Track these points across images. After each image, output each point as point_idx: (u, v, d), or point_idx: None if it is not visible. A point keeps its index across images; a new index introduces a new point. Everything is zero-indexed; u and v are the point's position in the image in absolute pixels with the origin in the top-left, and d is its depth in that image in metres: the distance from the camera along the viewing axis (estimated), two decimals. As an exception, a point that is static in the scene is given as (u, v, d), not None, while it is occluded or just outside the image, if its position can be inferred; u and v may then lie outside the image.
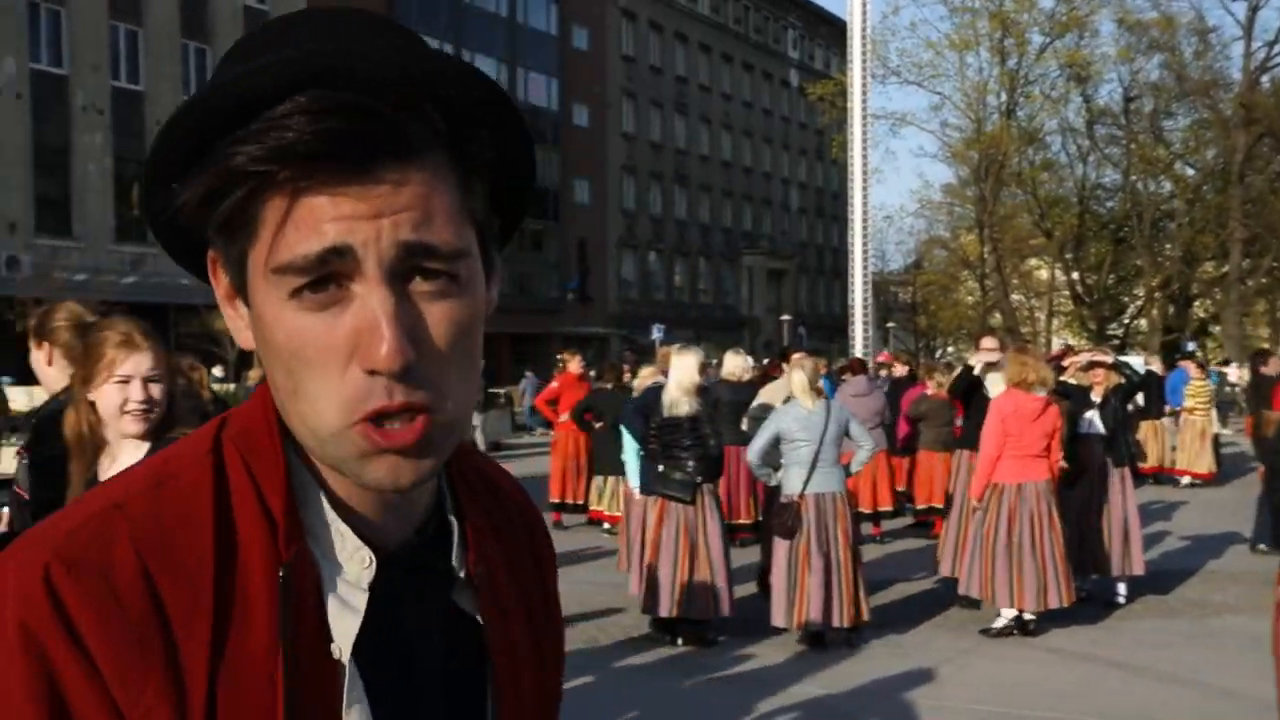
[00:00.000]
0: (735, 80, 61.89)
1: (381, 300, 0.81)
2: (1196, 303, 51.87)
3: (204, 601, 0.83)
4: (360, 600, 0.88)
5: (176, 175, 0.84)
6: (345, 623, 0.87)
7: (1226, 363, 36.00)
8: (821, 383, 8.30)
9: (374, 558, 0.89)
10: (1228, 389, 28.58)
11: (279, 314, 0.83)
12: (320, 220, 0.80)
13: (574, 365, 13.96)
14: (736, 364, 11.63)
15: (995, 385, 9.31)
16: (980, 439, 8.38)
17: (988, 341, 10.14)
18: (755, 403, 9.70)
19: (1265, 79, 46.64)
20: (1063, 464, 8.64)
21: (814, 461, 7.76)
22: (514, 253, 45.48)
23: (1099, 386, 9.47)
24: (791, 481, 7.88)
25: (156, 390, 2.99)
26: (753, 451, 8.03)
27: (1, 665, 0.79)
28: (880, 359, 18.72)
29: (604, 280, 50.45)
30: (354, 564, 0.89)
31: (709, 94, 59.04)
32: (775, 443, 7.93)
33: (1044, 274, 53.29)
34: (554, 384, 14.70)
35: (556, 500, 13.31)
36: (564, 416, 13.36)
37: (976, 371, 9.56)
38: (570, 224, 48.26)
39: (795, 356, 9.61)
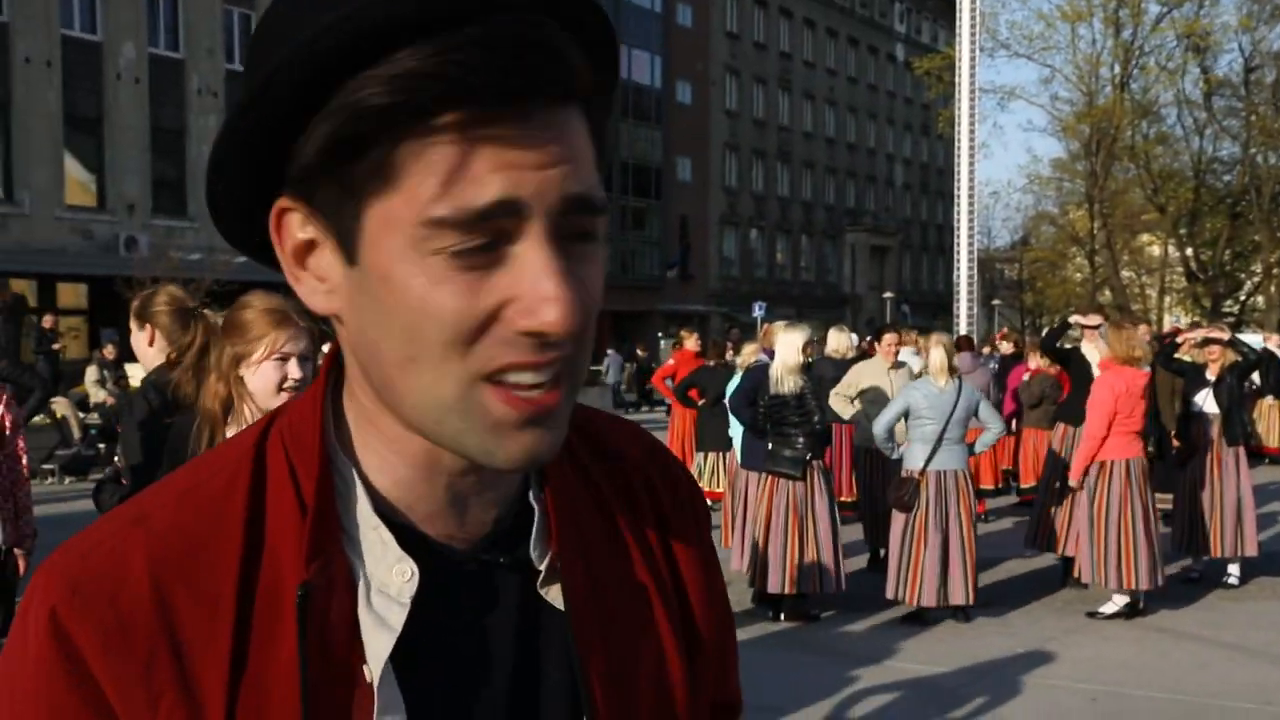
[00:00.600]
0: (840, 55, 61.25)
1: (550, 257, 0.72)
2: (1318, 279, 50.31)
3: (224, 621, 0.77)
4: (398, 616, 0.80)
5: (278, 127, 0.74)
6: (379, 641, 0.79)
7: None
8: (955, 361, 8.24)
9: (416, 570, 0.81)
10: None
11: (416, 271, 0.72)
12: (480, 168, 0.71)
13: (690, 342, 13.92)
14: (841, 341, 11.60)
15: (1093, 356, 9.21)
16: (1086, 413, 8.27)
17: (1093, 318, 10.03)
18: (845, 380, 9.67)
19: (1395, 46, 44.89)
20: (1175, 443, 8.51)
21: (939, 439, 7.77)
22: (616, 231, 45.67)
23: (1214, 364, 9.27)
24: (914, 457, 7.91)
25: (310, 370, 2.96)
26: (880, 425, 8.06)
27: (22, 695, 0.77)
28: (999, 337, 18.46)
29: (705, 258, 50.44)
30: (394, 576, 0.81)
31: (813, 70, 58.53)
32: (902, 418, 7.97)
33: (1156, 250, 52.01)
34: (671, 361, 14.75)
35: None
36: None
37: (1072, 330, 9.50)
38: (672, 202, 48.31)
39: (903, 334, 9.57)
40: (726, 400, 9.41)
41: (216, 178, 0.80)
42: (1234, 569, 9.18)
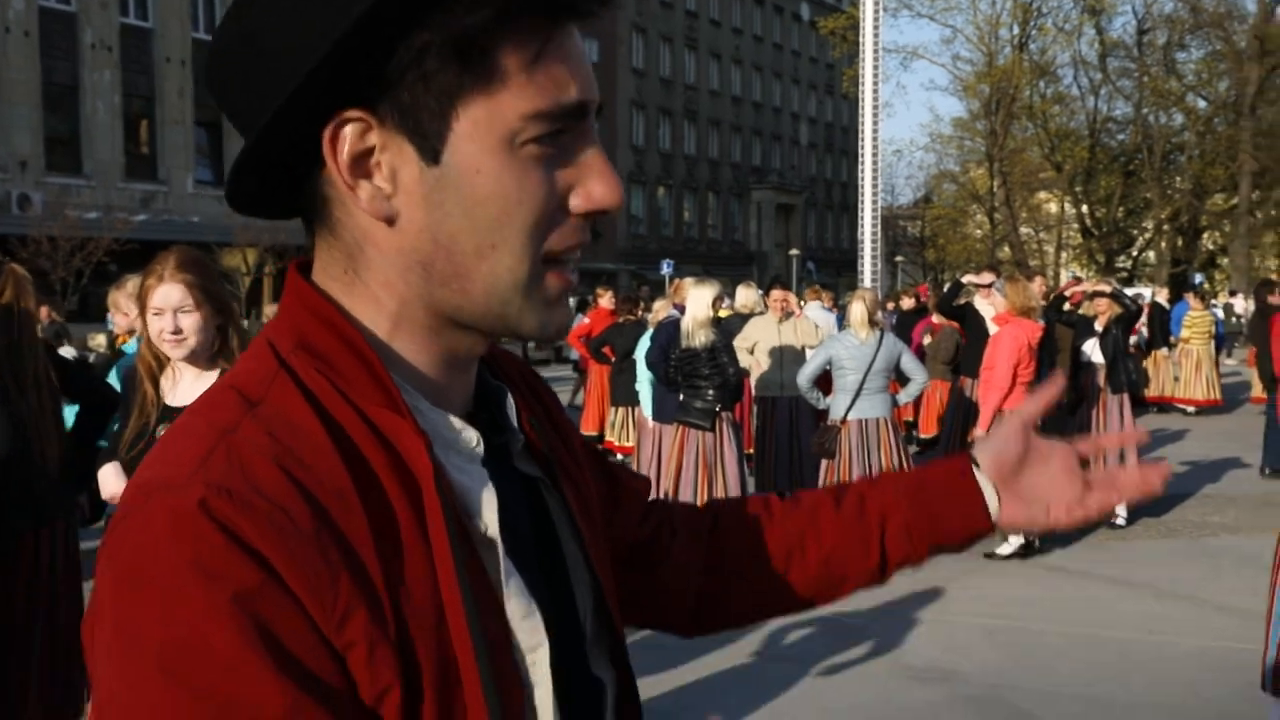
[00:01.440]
0: (746, 14, 61.42)
1: (599, 149, 0.87)
2: (1205, 235, 51.80)
3: (353, 503, 0.80)
4: (485, 477, 0.88)
5: (352, 37, 0.77)
6: (484, 499, 0.86)
7: (1234, 294, 36.05)
8: (877, 315, 8.51)
9: (479, 436, 0.90)
10: (1234, 319, 28.70)
11: (506, 163, 0.82)
12: (570, 70, 0.84)
13: (605, 300, 14.00)
14: (749, 297, 11.93)
15: (987, 310, 9.57)
16: (990, 364, 8.59)
17: (986, 276, 10.42)
18: (741, 334, 9.91)
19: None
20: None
21: (859, 389, 8.09)
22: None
23: (1102, 316, 9.70)
24: (836, 406, 8.27)
25: (186, 321, 3.34)
26: (803, 376, 8.40)
27: (192, 614, 0.73)
28: (920, 291, 18.83)
29: (613, 216, 50.38)
30: (462, 444, 0.89)
31: (719, 28, 58.64)
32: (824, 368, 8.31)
33: (1053, 207, 53.21)
34: (585, 319, 14.78)
35: (594, 434, 13.38)
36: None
37: (965, 286, 9.89)
38: (580, 160, 48.18)
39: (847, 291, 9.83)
40: (638, 355, 9.64)
41: (257, 99, 0.83)
42: (1121, 510, 9.64)
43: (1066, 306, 10.33)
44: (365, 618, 0.77)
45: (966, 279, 10.47)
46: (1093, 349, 9.57)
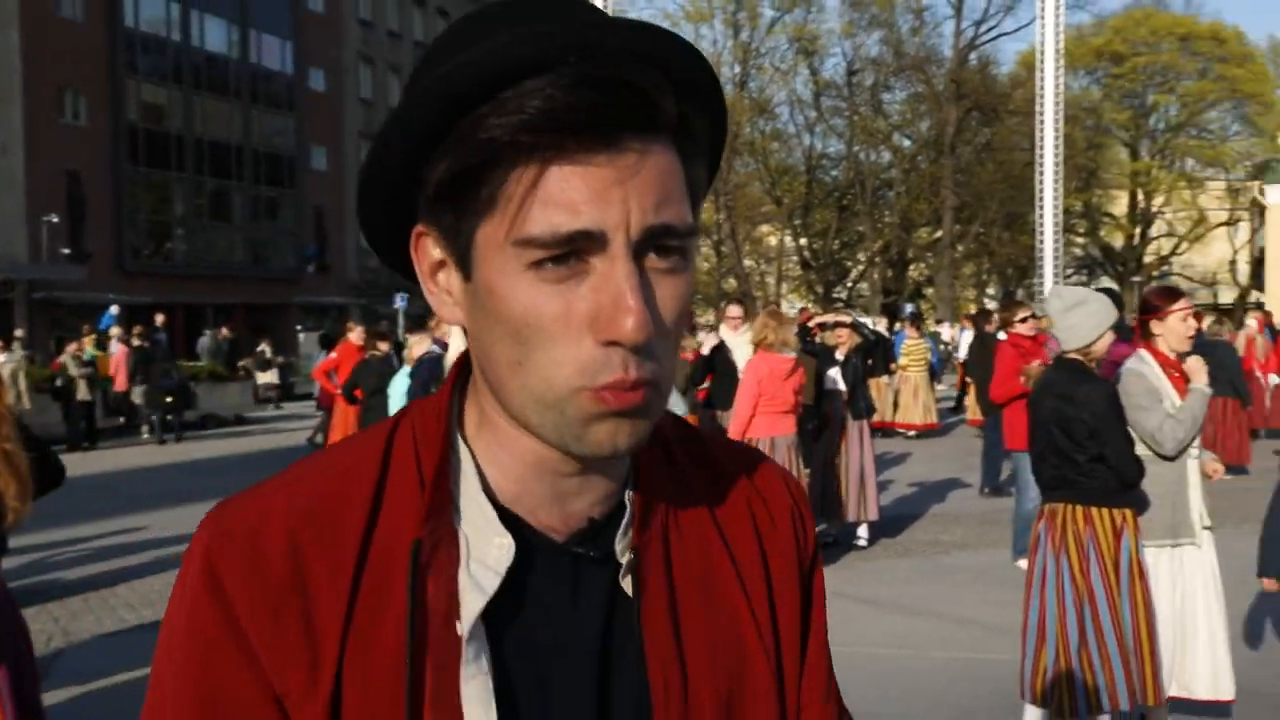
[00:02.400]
0: (472, 46, 61.31)
1: (627, 275, 0.82)
2: (912, 266, 55.05)
3: (344, 572, 0.88)
4: (492, 582, 0.89)
5: (411, 160, 0.86)
6: (471, 599, 0.88)
7: (940, 322, 38.32)
8: None
9: (512, 544, 0.91)
10: (941, 347, 30.46)
11: (515, 284, 0.83)
12: (572, 197, 0.81)
13: (354, 335, 13.68)
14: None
15: (741, 348, 9.93)
16: (734, 398, 8.92)
17: (733, 310, 10.82)
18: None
19: (973, 56, 49.86)
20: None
21: None
22: (248, 221, 44.11)
23: (843, 346, 10.20)
24: None
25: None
26: None
27: (178, 622, 0.89)
28: None
29: (343, 249, 49.47)
30: (493, 548, 0.91)
31: (446, 60, 58.43)
32: None
33: (774, 240, 55.40)
34: (333, 355, 14.39)
35: None
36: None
37: (713, 346, 10.30)
38: (308, 191, 47.09)
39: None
40: (392, 391, 9.51)
41: (363, 206, 0.93)
42: (863, 531, 10.14)
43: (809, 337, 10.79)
44: (303, 672, 0.87)
45: (708, 343, 10.85)
46: (836, 377, 10.04)
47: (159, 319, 26.98)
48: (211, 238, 43.04)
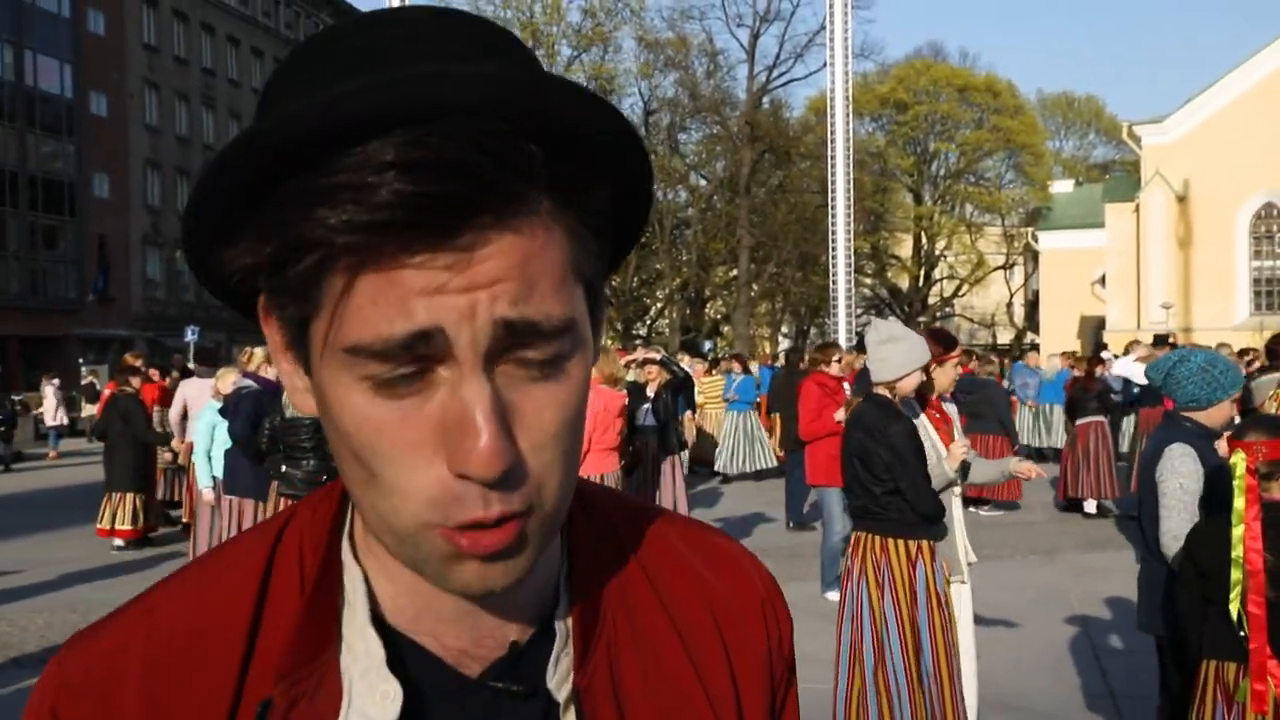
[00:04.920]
0: (265, 74, 59.96)
1: (475, 392, 0.66)
2: (709, 304, 56.17)
3: None
4: None
5: (224, 224, 0.69)
6: None
7: (737, 358, 39.21)
8: None
9: (399, 692, 0.74)
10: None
11: (347, 397, 0.68)
12: (405, 296, 0.65)
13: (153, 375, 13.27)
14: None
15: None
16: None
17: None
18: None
19: (766, 100, 51.37)
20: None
21: None
22: (25, 250, 42.00)
23: (653, 383, 10.33)
24: None
25: None
26: None
27: None
28: None
29: (127, 279, 47.52)
30: (376, 698, 0.75)
31: (239, 88, 56.98)
32: None
33: (574, 277, 55.68)
34: (107, 390, 13.95)
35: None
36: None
37: None
38: (89, 219, 45.09)
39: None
40: (197, 426, 9.23)
41: (192, 249, 0.75)
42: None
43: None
44: None
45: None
46: (645, 414, 10.16)
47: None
48: (-18, 267, 40.81)
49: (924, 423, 5.34)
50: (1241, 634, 3.70)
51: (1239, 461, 3.79)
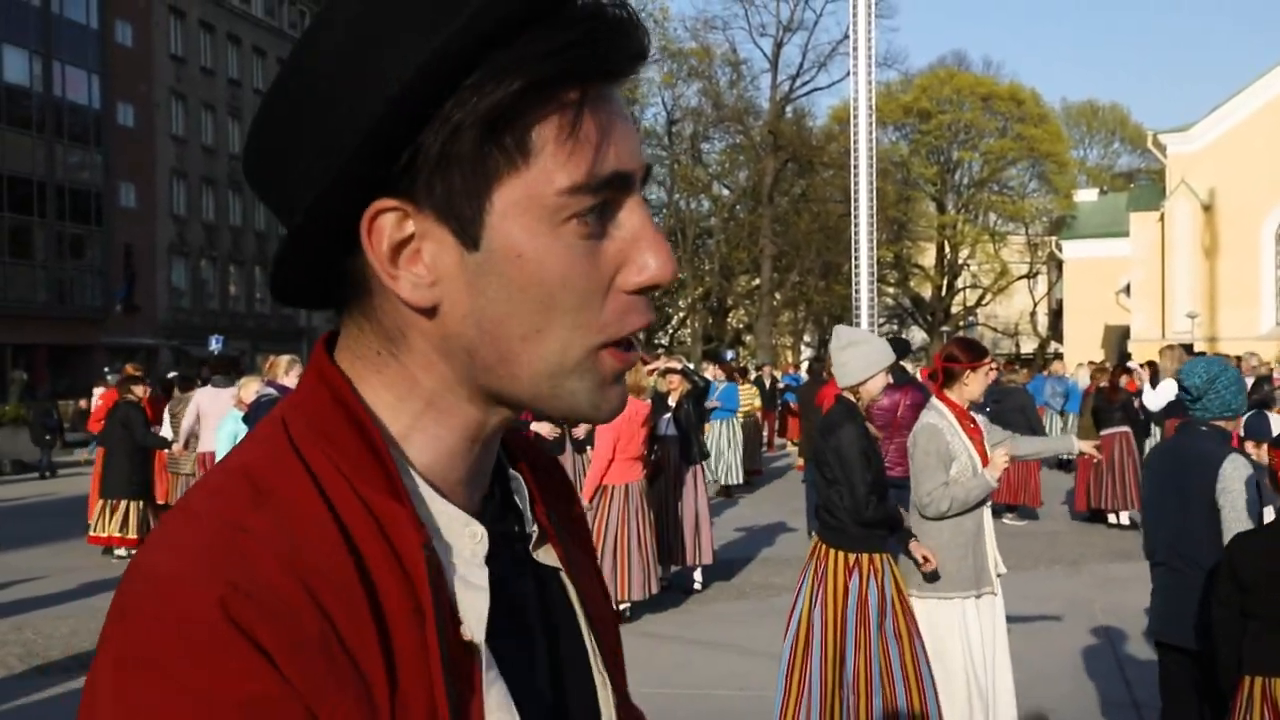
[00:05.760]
0: (290, 85, 60.23)
1: (647, 218, 0.82)
2: (731, 314, 56.12)
3: (360, 609, 0.77)
4: (482, 578, 0.83)
5: (407, 127, 0.76)
6: (473, 603, 0.82)
7: (761, 368, 39.16)
8: None
9: (485, 532, 0.84)
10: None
11: (550, 245, 0.79)
12: (601, 139, 0.79)
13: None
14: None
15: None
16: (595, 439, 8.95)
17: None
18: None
19: (789, 109, 51.32)
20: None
21: None
22: (53, 259, 42.31)
23: (675, 392, 10.33)
24: None
25: None
26: None
27: (202, 710, 0.70)
28: None
29: (153, 289, 47.80)
30: (465, 540, 0.84)
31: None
32: None
33: (596, 286, 55.70)
34: (99, 399, 14.02)
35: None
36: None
37: None
38: (115, 229, 45.38)
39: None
40: (218, 435, 9.27)
41: (298, 200, 0.80)
42: (698, 575, 10.25)
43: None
44: None
45: None
46: (667, 423, 10.16)
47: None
48: (10, 275, 41.06)
49: (959, 432, 5.31)
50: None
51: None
